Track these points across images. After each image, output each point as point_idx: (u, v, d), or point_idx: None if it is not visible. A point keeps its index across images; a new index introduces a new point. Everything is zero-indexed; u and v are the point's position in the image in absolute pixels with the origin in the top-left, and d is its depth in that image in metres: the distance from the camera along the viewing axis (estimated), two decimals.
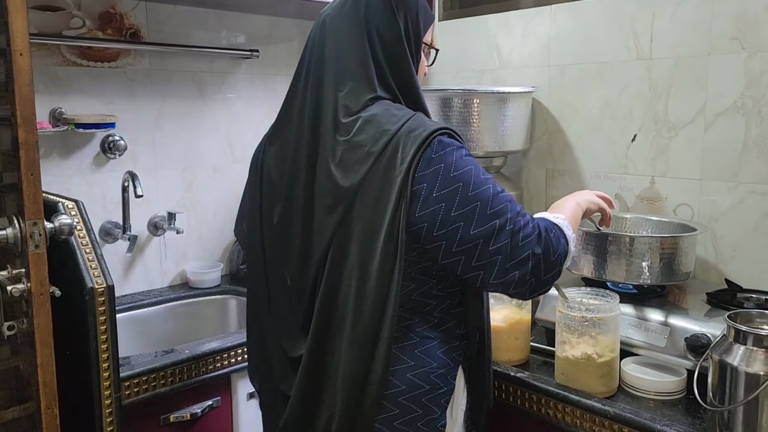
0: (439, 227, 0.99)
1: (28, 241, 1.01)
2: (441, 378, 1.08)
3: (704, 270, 1.59)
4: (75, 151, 1.76)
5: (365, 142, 1.02)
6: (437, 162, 0.99)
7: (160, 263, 1.96)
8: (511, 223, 1.00)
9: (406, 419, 1.05)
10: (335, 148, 1.05)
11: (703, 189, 1.58)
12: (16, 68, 0.97)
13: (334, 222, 1.05)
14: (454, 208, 0.98)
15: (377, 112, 1.04)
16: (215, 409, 1.51)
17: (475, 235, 0.98)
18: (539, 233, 1.03)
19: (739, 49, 1.49)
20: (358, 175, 1.01)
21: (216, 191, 2.05)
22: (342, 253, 1.05)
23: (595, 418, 1.20)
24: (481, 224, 0.98)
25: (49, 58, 1.69)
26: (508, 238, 0.99)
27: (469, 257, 1.00)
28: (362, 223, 1.02)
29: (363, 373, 1.02)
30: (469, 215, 0.98)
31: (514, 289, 1.03)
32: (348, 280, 1.04)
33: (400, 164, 0.98)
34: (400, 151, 0.99)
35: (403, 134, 1.00)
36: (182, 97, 1.95)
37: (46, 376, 1.05)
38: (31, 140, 1.00)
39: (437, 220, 0.98)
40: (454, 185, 0.99)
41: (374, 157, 1.00)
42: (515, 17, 1.94)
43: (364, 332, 1.01)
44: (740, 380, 1.04)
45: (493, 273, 1.00)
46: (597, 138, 1.78)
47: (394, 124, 1.01)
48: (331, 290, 1.06)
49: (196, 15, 1.94)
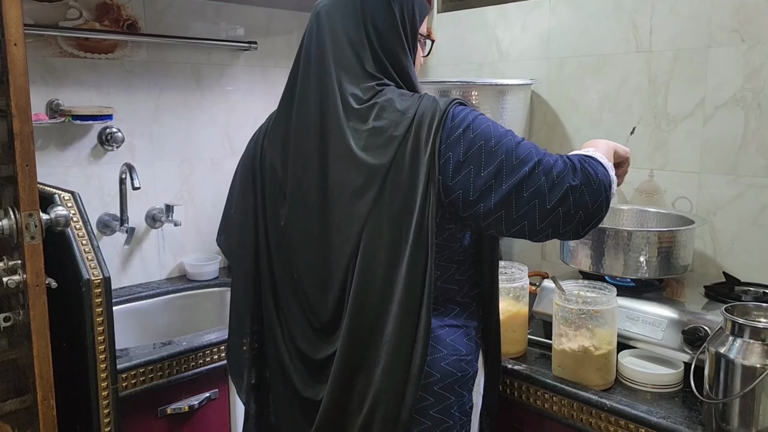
0: (474, 189, 1.00)
1: (24, 232, 1.00)
2: (468, 363, 1.10)
3: (702, 263, 1.58)
4: (72, 143, 1.75)
5: (387, 127, 1.02)
6: (456, 129, 1.01)
7: (158, 255, 1.96)
8: (540, 165, 1.00)
9: (441, 407, 1.06)
10: (356, 135, 1.04)
11: (702, 182, 1.58)
12: (11, 58, 0.97)
13: (368, 205, 1.03)
14: (483, 167, 0.99)
15: (391, 97, 1.04)
16: (213, 401, 1.51)
17: (509, 187, 0.99)
18: (573, 165, 1.03)
19: (738, 41, 1.49)
20: (386, 157, 1.02)
21: (214, 183, 2.04)
22: (377, 237, 1.03)
23: (591, 411, 1.20)
24: (511, 175, 0.99)
25: (45, 50, 1.68)
26: (541, 179, 0.99)
27: (509, 210, 1.00)
28: (396, 204, 1.01)
29: (405, 362, 1.00)
30: (497, 170, 0.99)
31: (564, 228, 1.02)
32: (382, 264, 1.02)
33: (424, 144, 1.00)
34: (424, 131, 1.01)
35: (420, 115, 1.02)
36: (180, 88, 1.94)
37: (43, 368, 1.05)
38: (26, 131, 0.99)
39: (470, 182, 0.99)
40: (477, 144, 1.00)
41: (398, 141, 1.01)
42: (514, 9, 1.93)
43: (405, 319, 1.00)
44: (737, 373, 1.04)
45: (536, 218, 1.00)
46: (596, 131, 1.77)
47: (411, 107, 1.03)
48: (365, 278, 1.03)
49: (193, 6, 1.93)
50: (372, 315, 1.02)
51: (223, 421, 1.54)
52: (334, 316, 1.09)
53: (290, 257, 1.15)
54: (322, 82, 1.08)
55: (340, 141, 1.05)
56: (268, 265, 1.18)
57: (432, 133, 1.00)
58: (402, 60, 1.10)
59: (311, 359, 1.12)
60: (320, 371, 1.11)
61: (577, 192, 1.01)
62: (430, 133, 1.00)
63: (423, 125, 1.01)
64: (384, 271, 1.01)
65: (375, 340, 1.02)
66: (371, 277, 1.02)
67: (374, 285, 1.02)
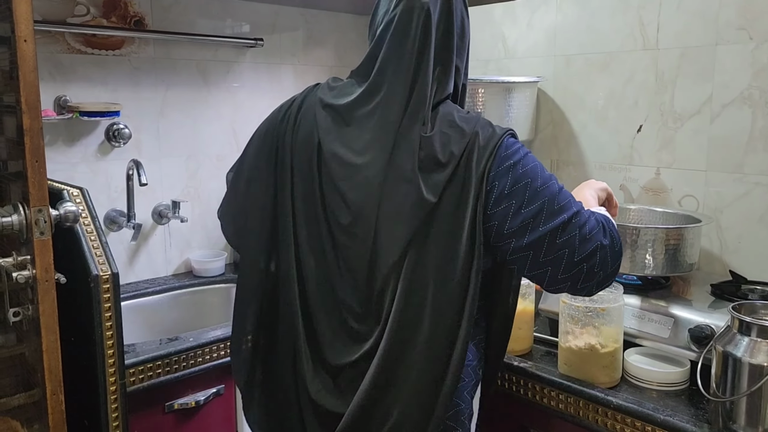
0: (510, 224, 0.99)
1: (33, 228, 1.01)
2: (474, 370, 1.10)
3: (709, 261, 1.58)
4: (80, 139, 1.76)
5: (446, 142, 1.00)
6: (507, 160, 0.99)
7: (164, 251, 1.96)
8: (577, 216, 1.00)
9: (452, 413, 1.05)
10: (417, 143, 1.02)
11: (709, 180, 1.58)
12: (21, 55, 0.97)
13: (416, 224, 1.00)
14: (525, 205, 0.98)
15: (450, 111, 1.03)
16: (219, 397, 1.52)
17: (544, 230, 0.98)
18: (603, 226, 1.03)
19: (746, 39, 1.48)
20: (439, 186, 0.99)
21: (220, 180, 2.04)
22: (424, 253, 1.01)
23: (598, 408, 1.20)
24: (549, 219, 0.98)
25: (53, 46, 1.68)
26: (576, 231, 0.99)
27: (537, 253, 0.99)
28: (442, 225, 0.99)
29: (441, 373, 0.99)
30: (537, 210, 0.98)
31: (582, 284, 1.02)
32: (425, 281, 1.00)
33: (475, 167, 0.99)
34: (476, 153, 0.99)
35: (475, 137, 1.00)
36: (186, 85, 1.94)
37: (52, 363, 1.05)
38: (35, 127, 0.99)
39: (508, 216, 0.98)
40: (524, 181, 0.99)
41: (455, 162, 0.99)
42: (521, 7, 1.93)
43: (444, 333, 0.99)
44: (744, 371, 1.04)
45: (561, 267, 0.99)
46: (602, 128, 1.77)
47: (468, 126, 1.01)
48: (408, 293, 1.00)
49: (200, 3, 1.93)
50: (411, 331, 1.01)
51: (229, 416, 1.55)
52: (367, 324, 1.06)
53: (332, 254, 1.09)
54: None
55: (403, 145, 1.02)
56: (296, 260, 1.11)
57: (485, 155, 0.99)
58: (457, 68, 1.09)
59: (333, 365, 1.08)
60: (340, 378, 1.08)
61: (604, 252, 1.01)
62: (482, 155, 0.99)
63: (478, 146, 0.99)
64: (427, 284, 1.00)
65: (408, 351, 1.01)
66: (416, 289, 1.00)
67: (416, 297, 1.00)
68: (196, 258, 1.98)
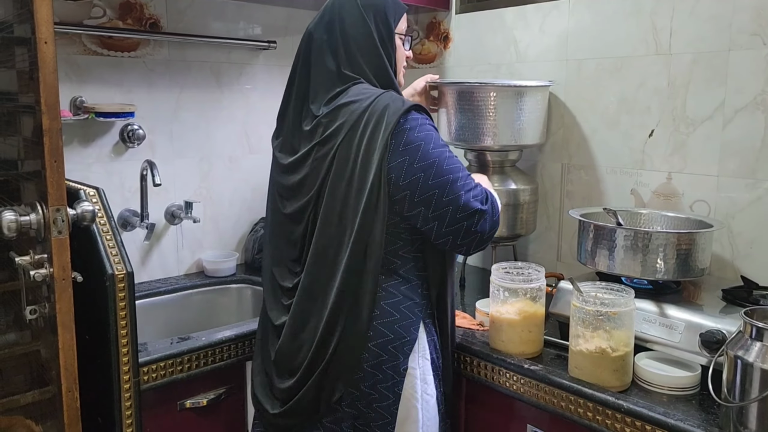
0: (404, 177, 1.21)
1: (51, 227, 1.02)
2: (404, 329, 1.26)
3: (720, 267, 1.58)
4: (95, 140, 1.78)
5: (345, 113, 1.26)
6: (407, 124, 1.22)
7: (176, 252, 1.98)
8: (463, 180, 1.22)
9: (375, 362, 1.24)
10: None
11: (721, 186, 1.57)
12: (41, 56, 0.99)
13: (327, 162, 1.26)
14: (417, 161, 1.20)
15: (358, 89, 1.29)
16: (230, 396, 1.53)
17: (432, 186, 1.20)
18: (486, 195, 1.26)
19: (759, 44, 1.48)
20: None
21: (232, 181, 2.07)
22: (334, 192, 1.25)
23: (608, 412, 1.20)
24: (437, 177, 1.20)
25: (69, 47, 1.71)
26: (460, 192, 1.21)
27: (428, 208, 1.21)
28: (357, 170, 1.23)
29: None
30: (428, 168, 1.20)
31: (462, 240, 1.23)
32: (336, 220, 1.25)
33: (384, 128, 1.21)
34: (386, 116, 1.22)
35: (378, 104, 1.23)
36: (200, 87, 1.96)
37: (68, 360, 1.07)
38: (54, 127, 1.01)
39: (403, 170, 1.20)
40: (417, 143, 1.21)
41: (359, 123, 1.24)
42: (532, 11, 1.93)
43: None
44: (756, 376, 1.04)
45: (445, 222, 1.21)
46: (614, 133, 1.77)
47: (367, 99, 1.25)
48: (325, 224, 1.26)
49: (214, 6, 1.95)
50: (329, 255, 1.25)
51: (239, 415, 1.56)
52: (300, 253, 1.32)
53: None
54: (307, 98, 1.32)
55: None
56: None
57: (393, 120, 1.20)
58: (378, 62, 1.30)
59: (282, 286, 1.35)
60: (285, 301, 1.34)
61: (484, 216, 1.23)
62: (390, 120, 1.20)
63: (387, 112, 1.21)
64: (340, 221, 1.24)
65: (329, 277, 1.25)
66: (329, 223, 1.25)
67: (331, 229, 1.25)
68: (207, 258, 2.00)
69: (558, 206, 1.92)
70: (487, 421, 1.46)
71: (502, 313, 1.40)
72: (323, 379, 1.24)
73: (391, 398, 1.24)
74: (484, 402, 1.45)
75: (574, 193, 1.88)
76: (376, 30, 1.30)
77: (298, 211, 1.31)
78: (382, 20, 1.31)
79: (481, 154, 1.82)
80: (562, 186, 1.91)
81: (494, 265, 1.46)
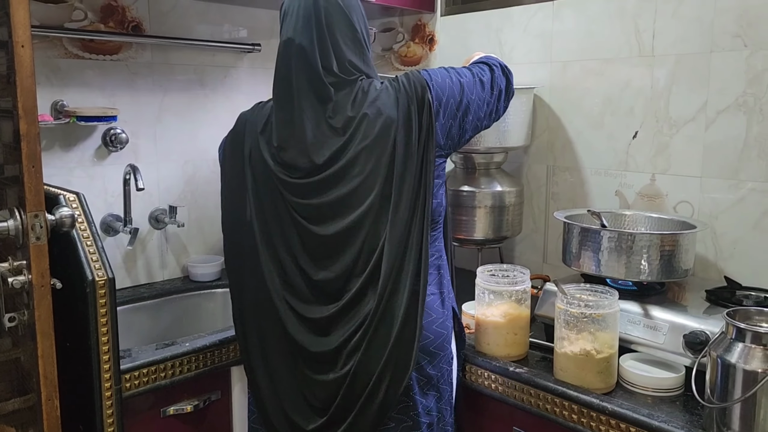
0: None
1: (29, 233, 1.01)
2: (448, 322, 1.31)
3: (704, 267, 1.59)
4: (76, 144, 1.76)
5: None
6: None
7: (161, 256, 1.96)
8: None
9: (435, 362, 1.28)
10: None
11: (704, 186, 1.58)
12: (18, 60, 0.97)
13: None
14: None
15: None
16: (215, 402, 1.52)
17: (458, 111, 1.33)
18: (475, 71, 1.39)
19: (741, 46, 1.49)
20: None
21: (217, 185, 2.01)
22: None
23: (593, 414, 1.20)
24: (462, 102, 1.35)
25: (50, 51, 1.69)
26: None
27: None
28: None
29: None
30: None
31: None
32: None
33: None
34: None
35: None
36: (184, 90, 1.95)
37: (47, 368, 1.05)
38: (32, 132, 1.00)
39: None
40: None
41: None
42: (517, 13, 1.93)
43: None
44: (738, 377, 1.05)
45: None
46: (598, 135, 1.78)
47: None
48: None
49: (197, 8, 1.94)
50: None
51: (225, 421, 1.55)
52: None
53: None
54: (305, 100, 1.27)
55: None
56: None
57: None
58: (365, 60, 1.30)
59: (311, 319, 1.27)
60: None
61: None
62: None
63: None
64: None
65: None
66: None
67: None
68: (192, 263, 1.98)
69: (543, 208, 1.93)
70: (473, 423, 1.45)
71: (488, 315, 1.40)
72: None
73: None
74: (469, 405, 1.45)
75: (559, 195, 1.89)
76: (359, 30, 1.31)
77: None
78: (361, 19, 1.32)
79: (467, 156, 1.81)
80: (547, 188, 1.92)
81: (479, 267, 1.46)
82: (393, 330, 1.19)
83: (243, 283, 1.33)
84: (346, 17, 1.28)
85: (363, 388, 1.20)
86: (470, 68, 1.40)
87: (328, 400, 1.23)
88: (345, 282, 1.23)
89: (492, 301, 1.40)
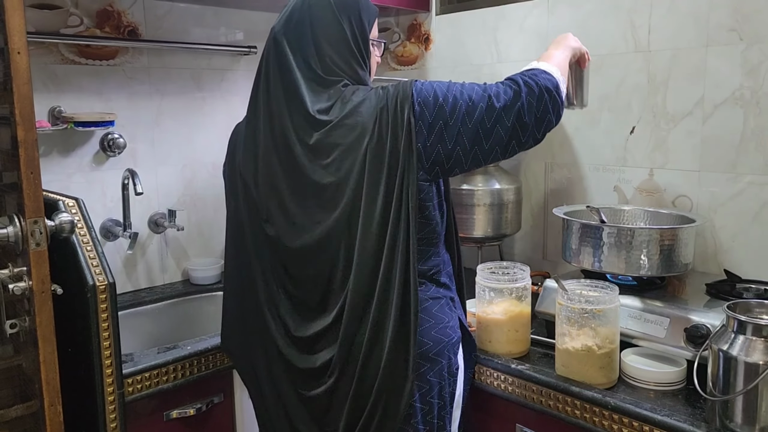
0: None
1: (29, 239, 1.01)
2: (452, 329, 1.26)
3: (703, 261, 1.59)
4: (74, 150, 1.76)
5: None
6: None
7: (161, 260, 1.97)
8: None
9: (436, 370, 1.23)
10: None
11: (702, 180, 1.59)
12: (14, 67, 0.97)
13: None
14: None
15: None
16: (218, 405, 1.52)
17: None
18: (490, 92, 1.18)
19: (737, 40, 1.49)
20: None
21: (216, 188, 2.05)
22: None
23: (595, 409, 1.20)
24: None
25: (47, 57, 1.69)
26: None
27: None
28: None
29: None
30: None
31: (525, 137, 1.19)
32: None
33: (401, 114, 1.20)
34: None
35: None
36: (181, 94, 1.95)
37: (49, 374, 1.05)
38: (30, 139, 1.00)
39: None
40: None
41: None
42: (513, 10, 1.94)
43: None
44: (740, 370, 1.05)
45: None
46: (595, 130, 1.78)
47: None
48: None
49: (193, 12, 1.94)
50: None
51: (228, 424, 1.55)
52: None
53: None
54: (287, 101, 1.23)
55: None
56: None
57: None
58: (352, 65, 1.23)
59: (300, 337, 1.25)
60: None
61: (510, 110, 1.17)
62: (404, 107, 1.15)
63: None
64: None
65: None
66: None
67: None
68: (193, 266, 1.98)
69: (542, 205, 1.93)
70: (476, 421, 1.45)
71: (489, 313, 1.41)
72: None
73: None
74: (472, 403, 1.45)
75: (558, 192, 1.89)
76: (351, 33, 1.24)
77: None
78: (357, 23, 1.25)
79: None
80: (545, 184, 1.92)
81: (479, 265, 1.46)
82: (382, 354, 1.15)
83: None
84: (333, 15, 1.22)
85: (361, 410, 1.18)
86: (486, 88, 1.19)
87: (323, 415, 1.24)
88: (323, 298, 1.22)
89: (493, 298, 1.40)
